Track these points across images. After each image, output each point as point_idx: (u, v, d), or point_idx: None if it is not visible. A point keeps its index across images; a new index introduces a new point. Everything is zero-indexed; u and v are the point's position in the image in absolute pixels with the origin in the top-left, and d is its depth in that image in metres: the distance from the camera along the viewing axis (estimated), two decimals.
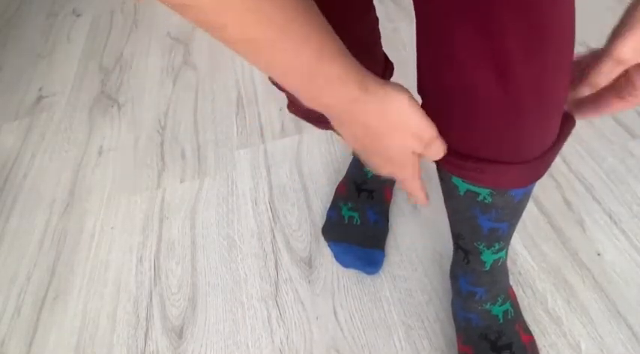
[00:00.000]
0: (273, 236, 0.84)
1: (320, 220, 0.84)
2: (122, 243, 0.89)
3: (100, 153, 1.08)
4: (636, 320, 0.64)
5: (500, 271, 0.59)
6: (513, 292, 0.65)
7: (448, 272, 0.73)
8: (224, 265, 0.82)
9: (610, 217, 0.75)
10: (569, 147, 0.85)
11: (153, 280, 0.82)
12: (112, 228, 0.92)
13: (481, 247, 0.54)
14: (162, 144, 1.06)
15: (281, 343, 0.71)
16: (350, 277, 0.76)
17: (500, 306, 0.61)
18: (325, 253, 0.80)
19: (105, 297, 0.82)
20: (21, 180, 1.06)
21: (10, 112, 1.24)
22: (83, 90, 1.26)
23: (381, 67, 0.63)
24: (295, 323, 0.73)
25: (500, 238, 0.53)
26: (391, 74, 0.67)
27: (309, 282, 0.77)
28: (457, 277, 0.62)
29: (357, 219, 0.78)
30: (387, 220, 0.80)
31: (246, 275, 0.80)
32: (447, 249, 0.76)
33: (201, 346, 0.73)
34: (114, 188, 0.99)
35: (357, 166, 0.82)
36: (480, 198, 0.47)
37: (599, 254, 0.71)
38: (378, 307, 0.72)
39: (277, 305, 0.75)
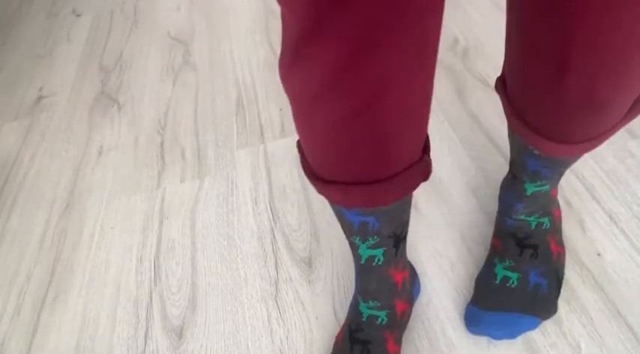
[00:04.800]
0: (273, 236, 0.84)
1: (320, 220, 0.84)
2: (122, 243, 0.89)
3: (100, 153, 1.08)
4: (636, 320, 0.64)
5: (542, 198, 0.64)
6: (559, 214, 0.70)
7: (448, 272, 0.73)
8: (224, 265, 0.82)
9: (610, 217, 0.75)
10: None
11: (153, 280, 0.82)
12: (112, 228, 0.92)
13: (525, 178, 0.60)
14: (162, 144, 1.06)
15: (281, 343, 0.71)
16: (350, 277, 0.76)
17: (535, 218, 0.67)
18: (325, 253, 0.80)
19: (105, 297, 0.82)
20: (21, 180, 1.06)
21: (10, 112, 1.24)
22: (83, 90, 1.26)
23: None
24: (295, 323, 0.73)
25: (543, 178, 0.59)
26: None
27: (309, 282, 0.77)
28: (504, 188, 0.67)
29: None
30: None
31: (246, 275, 0.80)
32: (446, 249, 0.76)
33: (201, 346, 0.73)
34: (114, 188, 0.99)
35: (353, 304, 0.65)
36: (530, 147, 0.54)
37: (599, 254, 0.71)
38: None
39: (277, 305, 0.75)
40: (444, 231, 0.78)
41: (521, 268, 0.65)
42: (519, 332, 0.63)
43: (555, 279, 0.66)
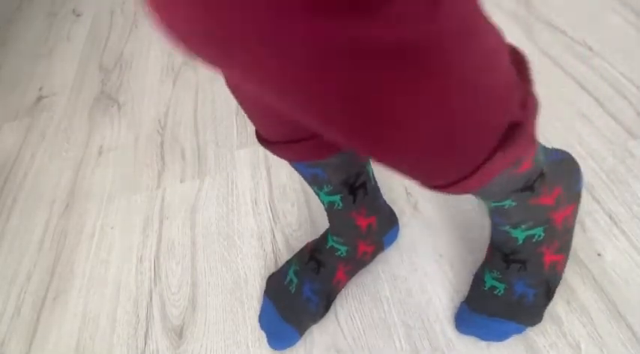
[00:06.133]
0: (273, 236, 0.84)
1: (320, 220, 0.84)
2: (122, 243, 0.89)
3: (100, 153, 1.08)
4: (636, 320, 0.64)
5: (517, 211, 0.57)
6: (564, 216, 0.63)
7: (448, 272, 0.73)
8: (224, 265, 0.82)
9: (610, 217, 0.75)
10: (569, 147, 0.85)
11: (153, 280, 0.82)
12: (112, 228, 0.92)
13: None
14: (162, 144, 1.06)
15: None
16: (351, 278, 0.76)
17: (523, 231, 0.61)
18: None
19: (105, 297, 0.82)
20: (21, 180, 1.06)
21: (10, 112, 1.25)
22: (83, 90, 1.26)
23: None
24: None
25: (489, 198, 0.54)
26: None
27: None
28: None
29: (294, 287, 0.70)
30: (325, 306, 0.70)
31: (246, 275, 0.80)
32: (447, 249, 0.76)
33: (201, 346, 0.73)
34: (114, 188, 0.99)
35: (325, 234, 0.73)
36: None
37: (599, 254, 0.71)
38: (378, 307, 0.72)
39: None
40: (444, 231, 0.78)
41: (507, 279, 0.64)
42: (505, 337, 0.64)
43: (545, 288, 0.64)
